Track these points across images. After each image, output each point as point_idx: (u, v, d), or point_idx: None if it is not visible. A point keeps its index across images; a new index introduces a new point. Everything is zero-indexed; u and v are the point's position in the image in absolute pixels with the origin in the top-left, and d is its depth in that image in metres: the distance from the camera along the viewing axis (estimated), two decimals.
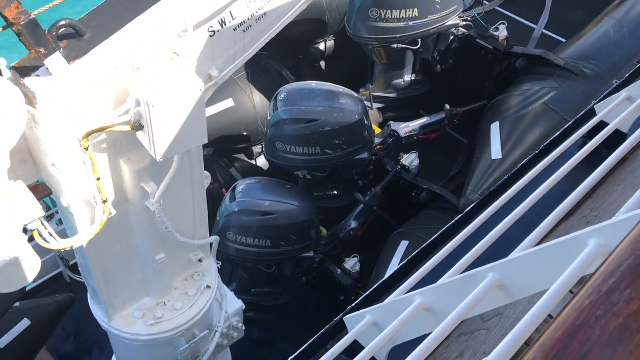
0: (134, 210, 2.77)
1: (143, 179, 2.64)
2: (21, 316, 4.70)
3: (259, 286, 5.42)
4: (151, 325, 3.21)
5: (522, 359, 0.67)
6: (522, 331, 1.08)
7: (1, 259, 2.00)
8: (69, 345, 5.84)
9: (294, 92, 5.14)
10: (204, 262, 3.48)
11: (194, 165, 2.90)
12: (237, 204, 4.88)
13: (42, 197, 2.85)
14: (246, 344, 5.63)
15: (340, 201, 5.70)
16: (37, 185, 2.95)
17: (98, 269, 2.89)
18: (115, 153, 2.48)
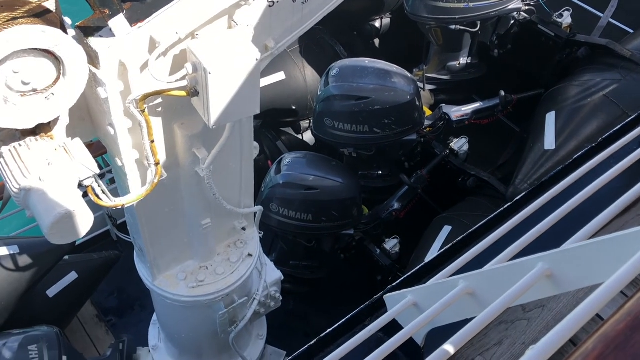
0: (183, 175, 2.83)
1: (195, 145, 2.69)
2: (69, 269, 4.90)
3: (297, 259, 5.48)
4: (193, 288, 3.30)
5: (581, 347, 0.66)
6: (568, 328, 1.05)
7: (57, 212, 2.08)
8: (112, 301, 6.07)
9: (346, 68, 5.10)
10: (247, 230, 3.54)
11: (244, 135, 2.93)
12: (281, 176, 4.92)
13: (96, 156, 2.94)
14: (281, 314, 5.72)
15: (384, 181, 5.67)
16: (91, 144, 3.05)
17: (146, 229, 2.98)
18: (169, 117, 2.53)
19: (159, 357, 4.10)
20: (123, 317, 5.92)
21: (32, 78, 1.97)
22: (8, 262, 4.23)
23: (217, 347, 3.85)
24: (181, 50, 2.26)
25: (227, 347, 3.79)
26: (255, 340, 4.22)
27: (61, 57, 1.95)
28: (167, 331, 3.91)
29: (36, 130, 2.21)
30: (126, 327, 5.70)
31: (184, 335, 3.75)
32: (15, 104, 1.98)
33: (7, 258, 4.24)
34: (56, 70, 2.01)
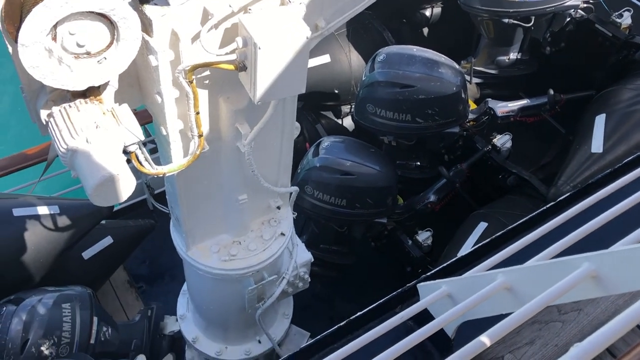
0: (225, 149, 2.85)
1: (238, 120, 2.70)
2: (106, 233, 5.02)
3: (327, 243, 5.49)
4: (225, 261, 3.33)
5: None
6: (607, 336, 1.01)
7: (101, 175, 2.12)
8: (143, 268, 6.21)
9: (394, 55, 5.04)
10: (282, 210, 3.55)
11: (287, 114, 2.93)
12: (319, 159, 4.92)
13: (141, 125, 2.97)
14: (307, 296, 5.76)
15: (422, 173, 5.62)
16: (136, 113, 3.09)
17: (184, 199, 3.02)
18: (216, 90, 2.54)
19: (186, 327, 4.17)
20: (153, 286, 6.05)
21: (87, 41, 2.00)
22: (48, 221, 4.36)
23: (244, 322, 3.90)
24: (233, 23, 2.26)
25: (253, 323, 3.83)
26: (281, 319, 4.26)
27: (116, 22, 1.98)
28: (196, 302, 3.98)
29: (86, 93, 2.26)
30: (155, 295, 5.83)
31: (212, 307, 3.80)
32: (69, 66, 2.02)
33: (47, 217, 4.37)
34: (110, 35, 2.04)
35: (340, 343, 1.73)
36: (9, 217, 4.19)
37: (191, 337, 4.10)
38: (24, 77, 2.17)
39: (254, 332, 4.09)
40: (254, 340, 4.11)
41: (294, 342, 4.42)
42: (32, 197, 4.52)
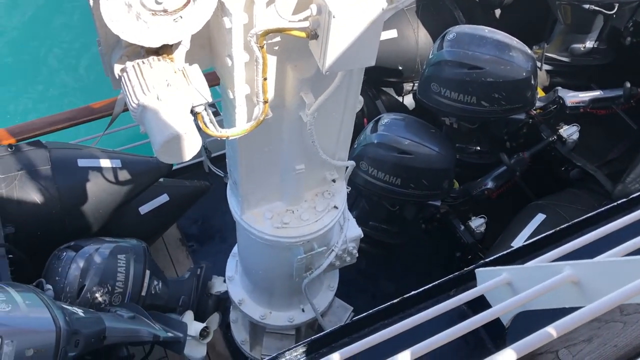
0: (287, 117, 2.85)
1: (303, 89, 2.69)
2: (162, 191, 5.15)
3: (377, 221, 5.47)
4: (277, 228, 3.37)
5: None
6: None
7: (169, 132, 2.16)
8: (195, 228, 6.36)
9: (464, 34, 4.89)
10: (337, 183, 3.55)
11: (352, 87, 2.90)
12: (377, 136, 4.87)
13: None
14: (352, 271, 5.78)
15: (481, 158, 5.49)
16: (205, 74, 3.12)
17: (243, 164, 3.05)
18: (284, 57, 2.53)
19: (233, 288, 4.26)
20: (203, 245, 6.20)
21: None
22: (109, 174, 4.50)
23: (289, 289, 3.95)
24: None
25: (298, 291, 3.87)
26: (326, 291, 4.29)
27: None
28: (245, 265, 4.05)
29: (159, 50, 2.29)
30: (205, 255, 5.97)
31: (260, 272, 3.86)
32: (145, 22, 2.04)
33: (109, 170, 4.51)
34: None
35: (392, 320, 1.72)
36: (74, 167, 4.35)
37: (237, 299, 4.19)
38: (101, 31, 2.22)
39: (299, 301, 4.14)
40: (298, 308, 4.17)
41: (337, 314, 4.46)
42: (95, 150, 4.67)
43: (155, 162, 4.75)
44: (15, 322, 2.84)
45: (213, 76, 2.74)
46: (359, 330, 1.75)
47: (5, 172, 4.18)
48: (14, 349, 2.78)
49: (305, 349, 1.74)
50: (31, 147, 4.42)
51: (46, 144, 4.49)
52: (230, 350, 5.19)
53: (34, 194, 4.16)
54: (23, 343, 2.82)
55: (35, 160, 4.31)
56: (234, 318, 4.72)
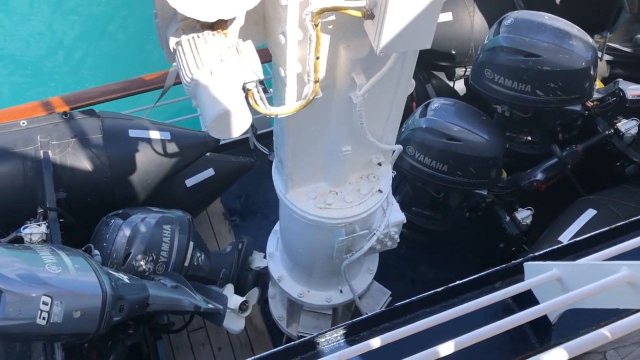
0: (337, 97, 2.83)
1: (355, 69, 2.65)
2: (209, 165, 5.22)
3: (420, 207, 5.41)
4: (320, 208, 3.37)
5: None
6: None
7: (221, 108, 2.17)
8: (238, 203, 6.44)
9: (523, 20, 4.72)
10: (382, 166, 3.52)
11: (405, 69, 2.85)
12: (425, 120, 4.79)
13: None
14: (392, 256, 5.76)
15: (532, 149, 5.33)
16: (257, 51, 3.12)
17: (290, 142, 3.05)
18: (338, 37, 2.50)
19: (272, 264, 4.31)
20: (245, 221, 6.28)
21: None
22: (159, 145, 4.58)
23: (329, 270, 3.96)
24: None
25: (337, 272, 3.89)
26: (365, 274, 4.29)
27: None
28: (286, 243, 4.08)
29: (214, 25, 2.29)
30: (247, 230, 6.05)
31: (300, 251, 3.89)
32: None
33: (158, 142, 4.59)
34: None
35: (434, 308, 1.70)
36: (125, 137, 4.44)
37: (277, 276, 4.24)
38: (158, 3, 2.24)
39: (337, 282, 4.15)
40: (336, 289, 4.19)
41: (375, 298, 4.46)
42: (146, 121, 4.75)
43: (203, 136, 4.81)
44: (64, 284, 2.95)
45: (265, 53, 2.73)
46: (401, 316, 1.73)
47: (59, 138, 4.30)
48: (63, 310, 2.89)
49: (345, 331, 1.74)
50: (85, 115, 4.54)
51: (99, 113, 4.59)
52: (267, 325, 5.27)
53: (85, 161, 4.28)
54: (71, 305, 2.93)
55: (88, 128, 4.42)
56: (272, 294, 4.78)
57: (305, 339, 1.71)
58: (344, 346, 1.72)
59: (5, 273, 2.81)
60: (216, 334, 5.20)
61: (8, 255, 2.95)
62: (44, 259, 2.99)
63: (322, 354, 1.67)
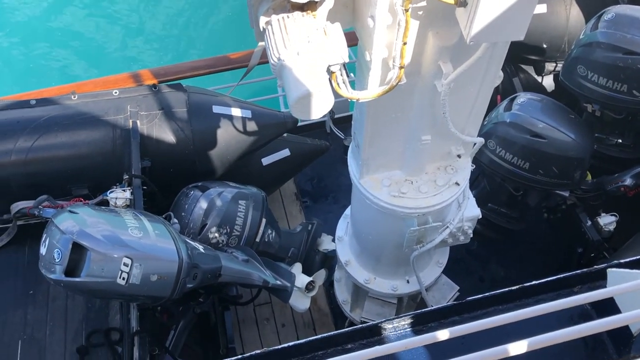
0: (421, 85, 2.79)
1: (442, 57, 2.60)
2: (285, 146, 5.29)
3: (497, 203, 5.26)
4: (394, 197, 3.35)
5: None
6: None
7: (305, 88, 2.19)
8: (310, 185, 6.51)
9: (625, 16, 4.44)
10: (461, 159, 3.44)
11: (494, 60, 2.76)
12: (510, 115, 4.63)
13: None
14: (462, 251, 5.67)
15: (622, 152, 5.04)
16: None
17: (369, 128, 3.04)
18: (427, 23, 2.46)
19: (341, 248, 4.33)
20: (316, 203, 6.34)
21: None
22: (239, 123, 4.69)
23: (397, 259, 3.94)
24: None
25: (405, 262, 3.86)
26: (433, 266, 4.24)
27: None
28: (356, 228, 4.09)
29: (304, 6, 2.31)
30: (317, 212, 6.11)
31: (370, 237, 3.88)
32: None
33: (239, 119, 4.70)
34: None
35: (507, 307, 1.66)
36: (209, 112, 4.58)
37: (344, 260, 4.26)
38: None
39: (405, 271, 4.13)
40: (403, 279, 4.16)
41: (442, 291, 4.40)
42: (229, 98, 4.87)
43: (282, 117, 4.88)
44: (144, 248, 3.11)
45: (351, 36, 2.73)
46: (471, 311, 1.70)
47: (147, 109, 4.50)
48: (141, 272, 3.05)
49: (412, 320, 1.74)
50: (172, 89, 4.71)
51: (186, 87, 4.76)
52: (330, 307, 5.33)
53: (170, 133, 4.45)
54: (149, 268, 3.08)
55: (175, 101, 4.59)
56: (338, 277, 4.82)
57: (373, 323, 1.71)
58: (410, 335, 1.72)
59: (91, 233, 2.99)
60: (281, 311, 5.32)
61: (95, 216, 3.13)
62: (127, 223, 3.15)
63: (388, 339, 1.67)
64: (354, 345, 1.66)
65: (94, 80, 5.69)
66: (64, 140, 4.24)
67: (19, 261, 4.09)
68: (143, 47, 11.45)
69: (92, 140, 4.28)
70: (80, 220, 3.03)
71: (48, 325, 3.83)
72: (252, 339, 5.16)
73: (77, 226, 2.99)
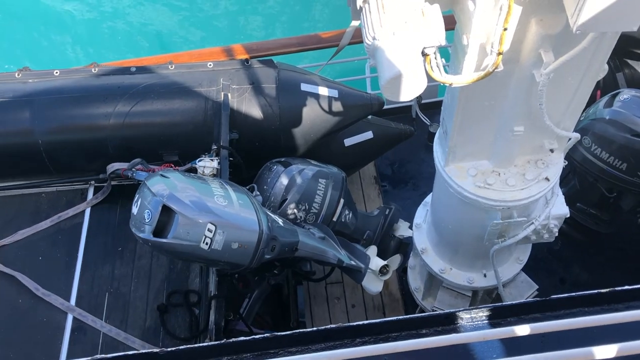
0: (518, 73, 2.69)
1: (543, 46, 2.49)
2: (368, 128, 5.27)
3: (586, 204, 5.03)
4: (479, 187, 3.27)
5: None
6: None
7: (397, 70, 2.17)
8: (390, 170, 6.47)
9: None
10: (554, 153, 3.30)
11: (600, 52, 2.61)
12: (610, 111, 4.38)
13: None
14: (544, 249, 5.46)
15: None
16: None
17: (459, 114, 2.97)
18: (532, 9, 2.36)
19: (418, 236, 4.30)
20: (395, 188, 6.30)
21: None
22: (325, 102, 4.72)
23: (475, 251, 3.86)
24: None
25: (484, 255, 3.77)
26: (513, 262, 4.11)
27: None
28: (435, 216, 4.03)
29: None
30: (395, 197, 6.07)
31: (450, 227, 3.82)
32: None
33: (325, 98, 4.72)
34: None
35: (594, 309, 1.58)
36: (297, 89, 4.63)
37: (420, 247, 4.22)
38: None
39: (482, 265, 4.04)
40: (480, 272, 4.07)
41: (519, 289, 4.27)
42: (317, 77, 4.90)
43: (368, 98, 4.86)
44: (228, 216, 3.22)
45: (449, 19, 2.66)
46: (554, 309, 1.64)
47: (239, 83, 4.62)
48: (224, 239, 3.16)
49: (490, 313, 1.70)
50: (263, 65, 4.81)
51: (276, 64, 4.83)
52: (402, 293, 5.31)
53: (258, 108, 4.55)
54: (231, 236, 3.19)
55: (265, 77, 4.68)
56: (412, 265, 4.79)
57: (450, 311, 1.69)
58: (487, 327, 1.68)
59: (180, 197, 3.13)
60: (352, 291, 5.36)
61: (184, 182, 3.27)
62: (214, 191, 3.27)
63: (464, 329, 1.65)
64: (429, 331, 1.65)
65: (190, 52, 5.92)
66: (159, 107, 4.44)
67: (111, 219, 4.36)
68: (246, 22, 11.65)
69: (185, 110, 4.45)
70: (170, 185, 3.18)
71: (133, 281, 4.07)
72: (322, 315, 5.24)
73: (168, 190, 3.14)
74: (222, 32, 11.44)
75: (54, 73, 4.60)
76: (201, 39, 11.21)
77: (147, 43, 11.29)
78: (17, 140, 4.37)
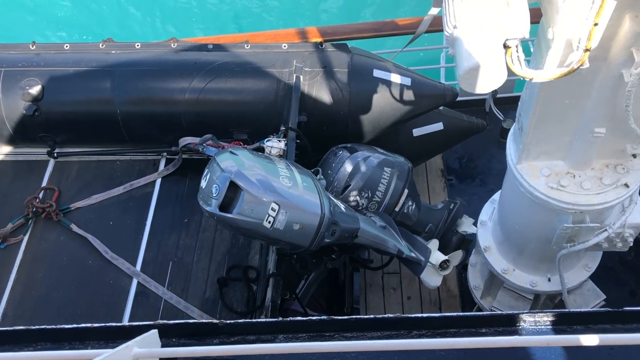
0: (605, 72, 2.55)
1: (636, 44, 2.36)
2: (439, 119, 5.16)
3: None
4: (551, 188, 3.15)
5: None
6: None
7: (476, 61, 2.11)
8: (458, 164, 6.31)
9: None
10: (636, 159, 3.13)
11: None
12: None
13: None
14: (616, 258, 5.20)
15: None
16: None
17: (537, 111, 2.86)
18: (626, 5, 2.23)
19: (482, 233, 4.19)
20: (462, 183, 6.15)
21: None
22: (397, 90, 4.65)
23: (541, 254, 3.73)
24: None
25: (550, 259, 3.64)
26: (580, 269, 3.95)
27: None
28: (502, 215, 3.92)
29: None
30: (461, 192, 5.93)
31: (517, 227, 3.70)
32: None
33: (397, 86, 4.65)
34: None
35: None
36: (369, 75, 4.59)
37: (484, 245, 4.12)
38: None
39: (547, 268, 3.90)
40: (544, 276, 3.94)
41: (585, 298, 4.10)
42: (391, 64, 4.83)
43: (441, 89, 4.75)
44: (292, 197, 3.25)
45: (535, 12, 2.56)
46: (626, 322, 1.56)
47: (311, 66, 4.62)
48: (286, 219, 3.20)
49: (556, 318, 1.63)
50: (337, 49, 4.78)
51: (350, 48, 4.80)
52: (460, 290, 5.21)
53: (329, 92, 4.55)
54: (293, 217, 3.22)
55: (338, 61, 4.66)
56: (474, 262, 4.68)
57: (512, 312, 1.64)
58: (551, 333, 1.62)
59: (247, 175, 3.19)
60: (409, 283, 5.31)
61: (252, 160, 3.33)
62: (280, 172, 3.31)
63: (526, 332, 1.60)
64: (489, 331, 1.61)
65: (266, 33, 5.97)
66: (233, 85, 4.52)
67: (180, 191, 4.50)
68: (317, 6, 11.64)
69: (257, 89, 4.50)
70: (239, 162, 3.24)
71: (196, 252, 4.20)
72: (377, 305, 5.23)
73: (236, 167, 3.20)
74: (303, 14, 11.43)
75: (135, 46, 4.77)
76: (277, 20, 11.28)
77: (227, 22, 11.48)
78: (97, 108, 4.57)
